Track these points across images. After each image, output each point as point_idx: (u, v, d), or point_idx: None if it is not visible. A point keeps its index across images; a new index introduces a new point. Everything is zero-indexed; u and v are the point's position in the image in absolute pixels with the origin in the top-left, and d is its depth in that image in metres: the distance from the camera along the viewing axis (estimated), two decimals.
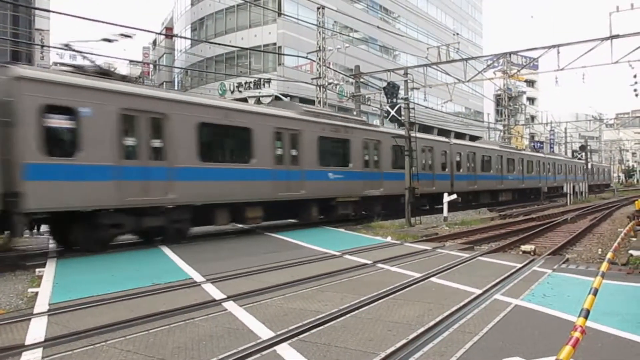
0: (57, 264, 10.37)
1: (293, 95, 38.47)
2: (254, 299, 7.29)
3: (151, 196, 12.62)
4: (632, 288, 8.01)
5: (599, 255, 12.33)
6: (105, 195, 11.71)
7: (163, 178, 12.89)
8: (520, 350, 5.01)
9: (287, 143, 16.98)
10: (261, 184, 15.80)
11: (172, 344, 5.33)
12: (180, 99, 14.46)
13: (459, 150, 29.47)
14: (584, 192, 44.24)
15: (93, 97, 11.63)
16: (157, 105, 13.06)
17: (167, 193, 12.97)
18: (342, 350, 5.09)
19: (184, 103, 14.05)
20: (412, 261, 10.92)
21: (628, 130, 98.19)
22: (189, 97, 16.92)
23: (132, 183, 12.19)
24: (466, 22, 72.39)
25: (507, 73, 41.58)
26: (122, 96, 12.31)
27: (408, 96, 21.36)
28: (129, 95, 12.53)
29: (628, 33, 20.33)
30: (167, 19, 60.63)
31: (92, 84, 11.81)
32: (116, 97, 12.13)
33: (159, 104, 13.15)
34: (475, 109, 71.48)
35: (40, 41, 35.88)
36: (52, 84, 11.13)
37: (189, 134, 13.63)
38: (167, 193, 12.99)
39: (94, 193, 11.51)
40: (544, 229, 18.53)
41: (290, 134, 17.12)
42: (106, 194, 11.73)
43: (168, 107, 13.27)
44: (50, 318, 6.45)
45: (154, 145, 12.85)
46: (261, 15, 42.61)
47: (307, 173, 17.50)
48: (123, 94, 12.37)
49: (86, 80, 11.74)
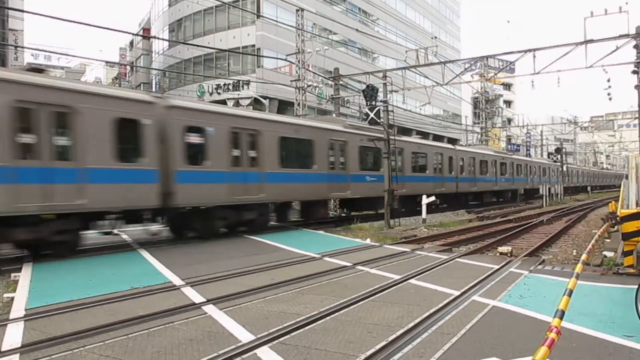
0: (33, 268, 10.20)
1: (272, 98, 38.43)
2: (234, 302, 7.27)
3: (250, 195, 16.11)
4: (606, 289, 8.20)
5: (574, 257, 12.58)
6: (221, 195, 15.25)
7: (257, 180, 16.42)
8: (497, 351, 5.09)
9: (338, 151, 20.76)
10: (320, 185, 19.53)
11: (152, 348, 5.29)
12: (268, 118, 18.82)
13: (462, 155, 32.82)
14: (560, 194, 45.01)
15: (215, 119, 15.31)
16: (253, 124, 16.72)
17: (259, 193, 16.36)
18: (323, 352, 5.11)
19: (270, 121, 17.92)
20: (392, 263, 11.00)
21: (602, 133, 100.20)
22: (274, 116, 21.73)
23: (237, 185, 15.68)
24: (444, 26, 73.09)
25: (485, 76, 42.20)
26: (233, 118, 16.23)
27: (387, 99, 21.52)
28: (236, 117, 16.60)
29: (602, 38, 20.80)
30: (145, 20, 59.99)
31: (215, 109, 16.72)
32: (229, 119, 15.90)
33: (254, 122, 16.87)
34: (453, 112, 72.16)
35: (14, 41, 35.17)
36: (191, 110, 15.10)
37: (273, 146, 17.20)
38: (259, 193, 16.35)
39: (214, 193, 15.08)
40: (521, 231, 18.83)
41: (340, 144, 20.82)
42: (222, 193, 15.25)
43: (260, 125, 16.88)
44: (27, 323, 6.35)
45: (250, 155, 16.39)
46: (240, 17, 42.44)
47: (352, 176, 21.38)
48: (233, 116, 16.41)
49: (211, 106, 17.14)
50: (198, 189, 14.48)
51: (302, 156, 19.07)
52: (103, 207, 12.29)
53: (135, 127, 12.96)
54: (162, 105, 13.90)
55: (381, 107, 21.07)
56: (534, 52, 21.73)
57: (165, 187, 13.50)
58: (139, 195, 12.95)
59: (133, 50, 62.44)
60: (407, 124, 39.17)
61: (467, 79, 41.06)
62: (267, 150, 16.95)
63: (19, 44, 35.03)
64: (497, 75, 44.68)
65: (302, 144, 18.94)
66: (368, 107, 21.20)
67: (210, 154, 14.94)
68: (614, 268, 9.75)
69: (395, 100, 27.74)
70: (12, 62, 35.95)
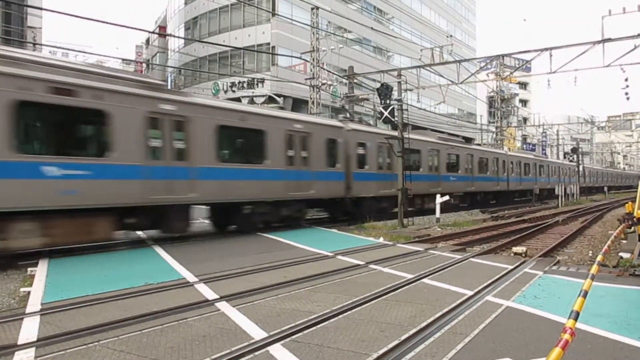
0: (50, 263, 10.33)
1: (286, 96, 38.49)
2: (246, 299, 7.30)
3: (387, 189, 21.87)
4: (622, 290, 8.10)
5: (589, 258, 12.44)
6: (372, 189, 21.33)
7: (391, 179, 21.89)
8: (511, 351, 5.05)
9: None
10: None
11: (165, 344, 5.34)
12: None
13: (511, 159, 38.50)
14: (576, 194, 44.53)
15: (371, 137, 21.65)
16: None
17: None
18: (335, 350, 5.11)
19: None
20: (405, 262, 10.97)
21: (619, 132, 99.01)
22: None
23: (383, 183, 21.92)
24: (460, 24, 72.66)
25: (500, 75, 41.80)
26: (382, 136, 22.14)
27: (401, 97, 21.43)
28: (380, 135, 22.37)
29: (620, 37, 20.49)
30: (161, 18, 60.45)
31: (372, 129, 23.12)
32: (379, 136, 22.15)
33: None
34: (468, 111, 71.77)
35: (32, 39, 35.62)
36: (360, 131, 21.28)
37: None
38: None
39: (369, 188, 21.23)
40: (536, 231, 18.65)
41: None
42: (373, 188, 21.36)
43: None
44: (42, 318, 6.43)
45: (387, 161, 22.71)
46: (255, 15, 42.57)
47: None
48: (383, 135, 22.20)
49: (370, 128, 23.51)
50: (363, 185, 20.57)
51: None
52: (324, 196, 18.80)
53: (335, 144, 19.30)
54: (345, 129, 20.18)
55: (395, 106, 21.01)
56: (551, 51, 21.48)
57: (347, 184, 19.69)
58: (337, 188, 19.27)
59: (149, 47, 62.95)
60: (422, 123, 39.03)
61: (483, 77, 40.77)
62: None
63: (37, 42, 35.45)
64: (512, 74, 44.30)
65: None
66: (382, 105, 21.14)
67: (368, 161, 21.23)
68: (630, 269, 9.62)
69: (410, 99, 27.69)
70: None
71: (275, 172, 16.64)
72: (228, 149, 15.74)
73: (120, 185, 12.19)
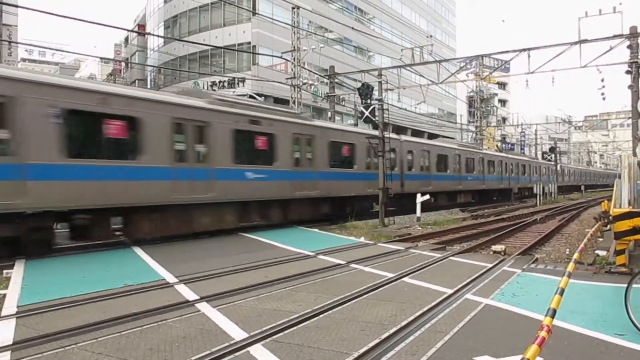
0: (26, 265, 10.16)
1: (267, 95, 38.35)
2: (227, 299, 7.27)
3: (426, 188, 26.03)
4: (598, 287, 8.25)
5: (566, 255, 12.64)
6: (416, 187, 25.25)
7: (427, 179, 27.54)
8: (489, 349, 5.11)
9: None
10: None
11: (145, 345, 5.29)
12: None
13: (493, 159, 40.23)
14: (553, 193, 45.18)
15: (415, 146, 27.35)
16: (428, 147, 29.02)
17: (428, 186, 26.11)
18: (316, 350, 5.12)
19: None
20: (386, 261, 11.02)
21: (596, 132, 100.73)
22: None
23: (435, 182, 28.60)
24: (440, 24, 73.15)
25: (480, 75, 42.22)
26: (422, 144, 28.68)
27: (382, 97, 21.53)
28: (424, 144, 29.34)
29: (596, 38, 20.87)
30: (140, 16, 59.75)
31: (418, 140, 29.56)
32: (421, 145, 28.26)
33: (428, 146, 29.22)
34: (448, 110, 72.30)
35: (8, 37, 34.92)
36: (411, 142, 27.22)
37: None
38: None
39: (418, 186, 25.62)
40: (514, 229, 18.91)
41: None
42: (417, 187, 25.43)
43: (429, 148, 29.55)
44: (18, 320, 6.32)
45: (426, 165, 28.70)
46: (236, 14, 42.32)
47: None
48: (423, 144, 28.92)
49: (416, 139, 29.04)
50: (412, 183, 25.57)
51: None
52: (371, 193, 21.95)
53: (395, 153, 24.92)
54: (400, 140, 25.64)
55: (376, 106, 21.09)
56: (529, 52, 21.80)
57: (402, 182, 25.00)
58: (395, 186, 23.35)
59: (128, 46, 62.19)
60: (402, 123, 39.24)
61: (462, 77, 41.11)
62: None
63: (12, 40, 34.79)
64: (492, 74, 44.78)
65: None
66: (363, 105, 21.22)
67: (414, 165, 26.84)
68: (606, 267, 9.79)
69: (391, 98, 27.77)
70: (6, 58, 35.72)
71: (361, 174, 22.61)
72: (335, 159, 21.07)
73: (281, 184, 17.71)
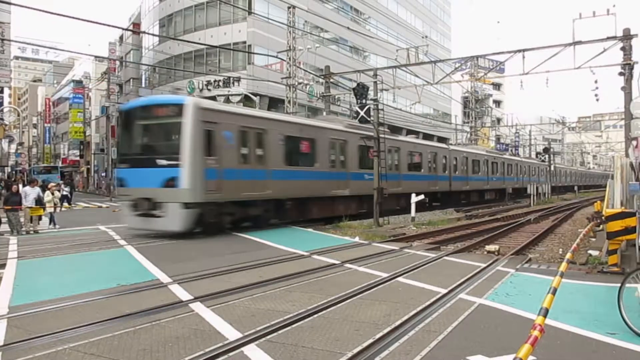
0: (18, 265, 10.11)
1: (263, 95, 38.30)
2: (221, 299, 7.25)
3: (480, 187, 36.32)
4: (591, 287, 8.29)
5: (560, 255, 12.67)
6: (458, 186, 32.94)
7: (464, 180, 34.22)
8: (483, 348, 5.12)
9: None
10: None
11: (138, 346, 5.26)
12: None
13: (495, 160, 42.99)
14: (547, 193, 45.32)
15: (457, 153, 33.57)
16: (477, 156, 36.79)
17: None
18: (310, 350, 5.11)
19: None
20: (380, 261, 11.03)
21: (589, 133, 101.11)
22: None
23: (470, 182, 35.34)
24: (435, 25, 73.25)
25: (475, 76, 42.33)
26: (462, 152, 35.55)
27: (377, 97, 21.54)
28: (464, 151, 35.94)
29: (590, 40, 20.94)
30: (135, 15, 59.52)
31: (463, 148, 37.27)
32: (461, 152, 35.16)
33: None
34: (443, 111, 72.38)
35: (0, 34, 34.75)
36: (457, 150, 34.40)
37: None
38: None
39: (460, 185, 33.46)
40: (508, 229, 18.96)
41: None
42: (460, 185, 33.11)
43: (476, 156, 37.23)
44: (10, 321, 6.28)
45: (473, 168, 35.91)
46: (231, 13, 42.24)
47: None
48: (463, 151, 35.60)
49: (462, 147, 38.17)
50: (457, 183, 32.24)
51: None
52: (444, 189, 30.79)
53: (446, 158, 31.29)
54: (448, 149, 32.05)
55: (371, 106, 21.10)
56: (524, 53, 21.85)
57: (449, 183, 30.97)
58: (446, 185, 30.74)
59: (123, 45, 61.97)
60: (397, 123, 39.26)
61: (457, 78, 41.14)
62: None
63: (5, 37, 34.62)
64: (486, 75, 44.81)
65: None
66: (358, 105, 21.22)
67: (457, 168, 32.49)
68: (599, 267, 9.85)
69: (386, 98, 27.86)
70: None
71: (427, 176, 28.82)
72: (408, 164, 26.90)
73: (364, 183, 21.54)
